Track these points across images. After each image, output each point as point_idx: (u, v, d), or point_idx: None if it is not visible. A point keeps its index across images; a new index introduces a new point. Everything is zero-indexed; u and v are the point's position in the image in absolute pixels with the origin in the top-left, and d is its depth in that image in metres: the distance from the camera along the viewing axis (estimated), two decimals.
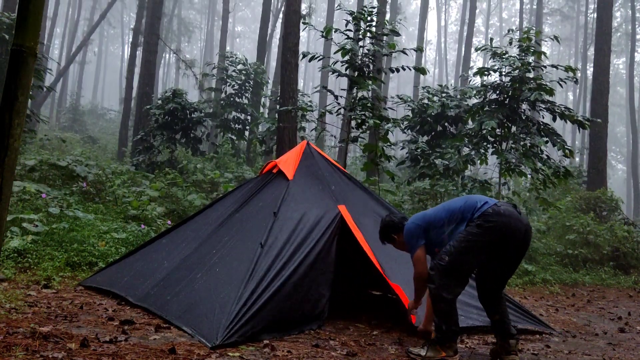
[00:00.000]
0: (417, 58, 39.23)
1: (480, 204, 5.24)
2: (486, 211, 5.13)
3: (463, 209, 5.29)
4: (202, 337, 4.94)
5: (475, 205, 5.25)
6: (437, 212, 5.47)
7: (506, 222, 5.05)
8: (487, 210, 5.13)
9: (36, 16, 4.33)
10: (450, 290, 5.10)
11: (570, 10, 65.05)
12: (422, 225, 5.44)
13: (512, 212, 5.14)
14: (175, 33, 58.32)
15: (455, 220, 5.29)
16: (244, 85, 23.72)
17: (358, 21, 12.14)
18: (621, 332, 7.39)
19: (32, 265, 7.65)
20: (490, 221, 5.06)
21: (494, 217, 5.08)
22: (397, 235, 5.75)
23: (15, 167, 4.27)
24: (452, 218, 5.32)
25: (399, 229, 5.72)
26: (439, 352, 5.07)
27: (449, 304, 5.09)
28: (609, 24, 21.74)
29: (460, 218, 5.27)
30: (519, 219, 5.13)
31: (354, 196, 6.47)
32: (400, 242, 5.75)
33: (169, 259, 6.65)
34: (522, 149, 13.04)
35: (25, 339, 4.40)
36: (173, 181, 14.35)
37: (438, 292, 5.09)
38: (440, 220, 5.38)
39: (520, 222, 5.13)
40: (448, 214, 5.37)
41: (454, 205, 5.40)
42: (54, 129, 36.58)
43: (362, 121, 11.98)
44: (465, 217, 5.23)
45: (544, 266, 12.68)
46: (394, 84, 77.56)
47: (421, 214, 5.60)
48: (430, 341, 5.18)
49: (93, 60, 76.04)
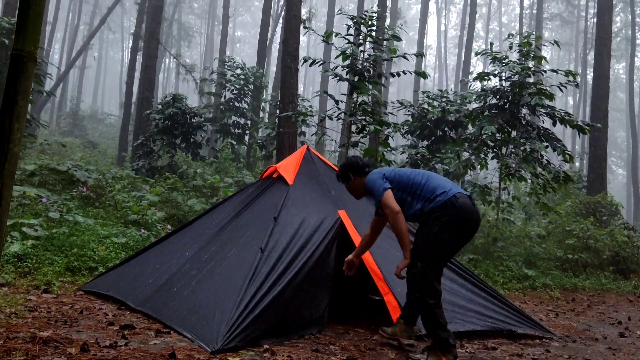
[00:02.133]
0: (417, 63, 39.29)
1: (439, 191, 5.29)
2: (446, 202, 5.21)
3: (424, 186, 5.38)
4: (202, 342, 4.94)
5: (435, 190, 5.31)
6: (397, 175, 5.53)
7: (462, 216, 5.19)
8: (448, 200, 5.21)
9: (36, 21, 4.33)
10: (432, 292, 5.15)
11: (570, 15, 65.12)
12: (385, 176, 5.49)
13: (468, 205, 5.25)
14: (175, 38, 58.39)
15: (413, 193, 5.41)
16: (243, 89, 23.73)
17: (359, 26, 12.15)
18: (621, 336, 7.38)
19: (32, 270, 7.65)
20: (450, 214, 5.16)
21: (454, 210, 5.18)
22: (354, 177, 5.77)
23: (15, 171, 4.27)
24: (412, 189, 5.42)
25: (360, 173, 5.76)
26: (439, 358, 5.04)
27: (436, 307, 5.14)
28: (609, 28, 21.77)
29: (418, 194, 5.37)
30: (474, 211, 5.29)
31: (354, 201, 6.46)
32: (355, 186, 5.80)
33: (169, 263, 6.65)
34: (522, 154, 13.05)
35: (25, 344, 4.40)
36: (173, 186, 14.35)
37: (423, 299, 5.13)
38: (401, 183, 5.46)
39: (474, 214, 5.29)
40: (409, 182, 5.46)
41: (415, 178, 5.47)
42: (54, 134, 36.64)
43: (362, 126, 11.99)
44: (422, 196, 5.34)
45: (543, 271, 12.67)
46: (394, 89, 77.65)
47: (380, 170, 5.64)
48: (431, 347, 5.15)
49: (93, 65, 76.13)
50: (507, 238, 13.58)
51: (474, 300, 6.55)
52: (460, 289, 6.64)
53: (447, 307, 6.25)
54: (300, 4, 15.33)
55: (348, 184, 5.84)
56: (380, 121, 12.14)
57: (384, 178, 5.45)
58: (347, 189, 5.93)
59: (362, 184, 5.70)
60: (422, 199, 5.33)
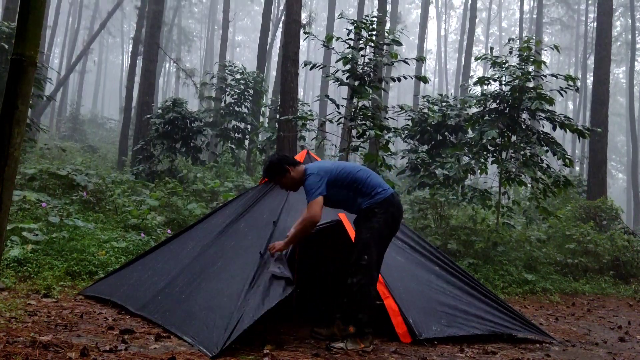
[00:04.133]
0: (418, 67, 39.26)
1: (379, 189, 5.76)
2: (386, 199, 5.70)
3: (365, 182, 5.77)
4: (202, 347, 4.93)
5: (375, 188, 5.76)
6: (340, 172, 5.75)
7: (395, 213, 5.79)
8: (387, 198, 5.72)
9: (36, 25, 4.34)
10: (372, 280, 5.59)
11: (570, 19, 65.18)
12: (328, 179, 5.66)
13: (400, 204, 5.90)
14: (176, 42, 58.47)
15: (355, 189, 5.75)
16: (243, 94, 23.75)
17: (359, 30, 12.16)
18: (621, 341, 7.38)
19: (32, 275, 7.65)
20: (389, 211, 5.69)
21: (391, 207, 5.73)
22: (291, 169, 5.84)
23: (15, 176, 4.27)
24: (354, 185, 5.75)
25: (294, 163, 5.90)
26: (359, 345, 5.46)
27: (370, 286, 5.57)
28: (608, 33, 21.78)
29: (360, 189, 5.74)
30: (401, 210, 5.96)
31: None
32: (291, 178, 5.85)
33: (169, 268, 6.65)
34: (522, 158, 13.05)
35: (25, 348, 4.40)
36: (173, 190, 14.35)
37: (367, 288, 5.52)
38: (345, 180, 5.73)
39: (401, 212, 5.96)
40: (352, 178, 5.76)
41: (358, 174, 5.80)
42: (54, 138, 36.60)
43: (363, 131, 12.00)
44: (364, 192, 5.74)
45: (544, 275, 12.67)
46: (394, 93, 77.68)
47: (324, 167, 5.77)
48: (349, 335, 5.50)
49: (93, 70, 76.18)
50: (507, 242, 13.58)
51: (474, 305, 6.55)
52: (460, 293, 6.63)
53: (448, 311, 6.26)
54: (300, 9, 15.35)
55: (284, 176, 5.86)
56: (380, 126, 12.15)
57: (324, 182, 5.61)
58: (281, 184, 5.99)
59: (298, 174, 5.82)
60: (363, 194, 5.73)
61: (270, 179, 6.04)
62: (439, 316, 6.16)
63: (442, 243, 12.85)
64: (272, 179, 5.99)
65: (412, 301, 6.10)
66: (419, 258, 6.92)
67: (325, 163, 5.89)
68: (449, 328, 6.06)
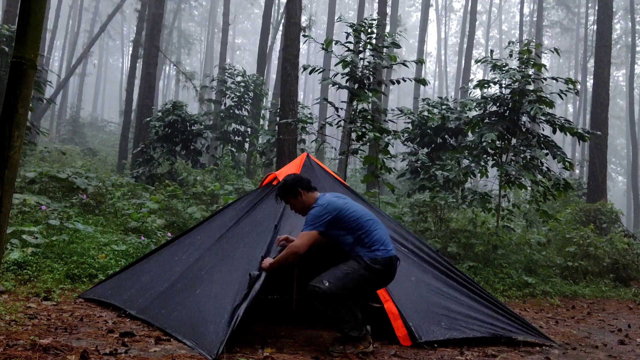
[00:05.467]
0: (417, 70, 39.27)
1: (380, 245, 5.55)
2: (384, 260, 5.51)
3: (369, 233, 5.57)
4: (202, 350, 4.93)
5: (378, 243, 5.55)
6: (347, 215, 5.60)
7: (387, 275, 5.61)
8: (386, 259, 5.52)
9: (36, 28, 4.34)
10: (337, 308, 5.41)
11: (570, 22, 65.17)
12: (332, 218, 5.53)
13: (395, 268, 5.64)
14: (176, 45, 58.46)
15: (357, 237, 5.58)
16: (243, 97, 23.77)
17: (359, 33, 12.17)
18: (621, 344, 7.37)
19: (32, 278, 7.65)
20: (381, 272, 5.50)
21: (386, 270, 5.54)
22: (304, 193, 5.78)
23: (15, 179, 4.28)
24: (357, 231, 5.58)
25: (308, 187, 5.83)
26: (358, 347, 5.46)
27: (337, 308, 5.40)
28: (608, 36, 21.81)
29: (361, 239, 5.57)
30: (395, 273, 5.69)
31: None
32: (302, 202, 5.80)
33: (169, 271, 6.65)
34: (522, 161, 13.05)
35: (25, 351, 4.40)
36: (173, 193, 14.36)
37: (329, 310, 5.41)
38: (349, 224, 5.57)
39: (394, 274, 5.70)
40: (357, 224, 5.59)
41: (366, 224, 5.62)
42: (54, 141, 36.65)
43: (362, 134, 12.00)
44: (365, 243, 5.54)
45: (544, 278, 12.66)
46: (394, 96, 77.68)
47: (334, 203, 5.64)
48: (348, 339, 5.46)
49: (93, 73, 76.24)
50: (507, 245, 13.57)
51: (474, 308, 6.54)
52: (460, 297, 6.62)
53: (448, 314, 6.25)
54: (300, 12, 15.37)
55: (295, 199, 5.80)
56: (380, 129, 12.15)
57: (327, 220, 5.51)
58: (291, 205, 5.92)
59: (309, 200, 5.77)
60: (363, 244, 5.53)
61: (281, 197, 5.91)
62: (439, 319, 6.15)
63: (442, 246, 12.84)
64: (283, 197, 5.89)
65: (412, 304, 6.10)
66: (419, 261, 6.91)
67: (338, 200, 5.69)
68: (449, 331, 6.05)
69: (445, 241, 13.19)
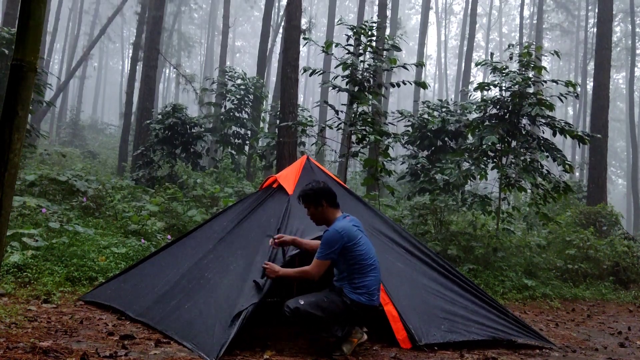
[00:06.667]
0: (417, 72, 39.26)
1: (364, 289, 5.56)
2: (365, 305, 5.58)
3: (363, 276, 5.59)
4: (202, 352, 4.94)
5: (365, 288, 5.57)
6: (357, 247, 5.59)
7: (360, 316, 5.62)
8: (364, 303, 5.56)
9: (36, 31, 4.35)
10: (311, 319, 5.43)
11: (570, 25, 65.17)
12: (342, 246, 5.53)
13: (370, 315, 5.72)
14: (175, 48, 58.43)
15: (351, 272, 5.60)
16: (243, 99, 23.78)
17: (359, 36, 12.18)
18: (621, 347, 7.36)
19: (32, 280, 7.65)
20: (353, 311, 5.54)
21: (361, 310, 5.57)
22: (327, 206, 5.78)
23: (15, 181, 4.28)
24: (354, 268, 5.59)
25: (333, 204, 5.83)
26: (353, 343, 5.60)
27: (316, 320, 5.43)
28: (608, 39, 21.79)
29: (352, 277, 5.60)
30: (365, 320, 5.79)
31: (354, 211, 6.45)
32: (322, 213, 5.81)
33: (169, 273, 6.65)
34: (522, 164, 13.04)
35: (26, 354, 4.40)
36: (173, 196, 14.35)
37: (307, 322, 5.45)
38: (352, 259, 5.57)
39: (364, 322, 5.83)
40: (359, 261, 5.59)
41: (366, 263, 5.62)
42: (54, 144, 36.64)
43: (362, 136, 12.00)
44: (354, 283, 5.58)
45: (544, 281, 12.65)
46: (394, 99, 77.67)
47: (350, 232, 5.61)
48: (342, 339, 5.56)
49: (93, 75, 76.19)
50: (507, 248, 13.57)
51: (474, 310, 6.54)
52: (460, 299, 6.63)
53: (448, 316, 6.25)
54: (300, 14, 15.38)
55: (316, 208, 5.81)
56: (380, 131, 12.15)
57: (339, 248, 5.51)
58: (308, 211, 5.90)
59: (329, 216, 5.79)
60: (352, 283, 5.57)
61: (303, 201, 5.88)
62: (439, 322, 6.16)
63: (442, 249, 12.83)
64: (304, 201, 5.86)
65: (412, 307, 6.10)
66: (419, 264, 6.91)
67: (353, 230, 5.65)
68: (449, 334, 6.05)
69: (445, 244, 13.18)
